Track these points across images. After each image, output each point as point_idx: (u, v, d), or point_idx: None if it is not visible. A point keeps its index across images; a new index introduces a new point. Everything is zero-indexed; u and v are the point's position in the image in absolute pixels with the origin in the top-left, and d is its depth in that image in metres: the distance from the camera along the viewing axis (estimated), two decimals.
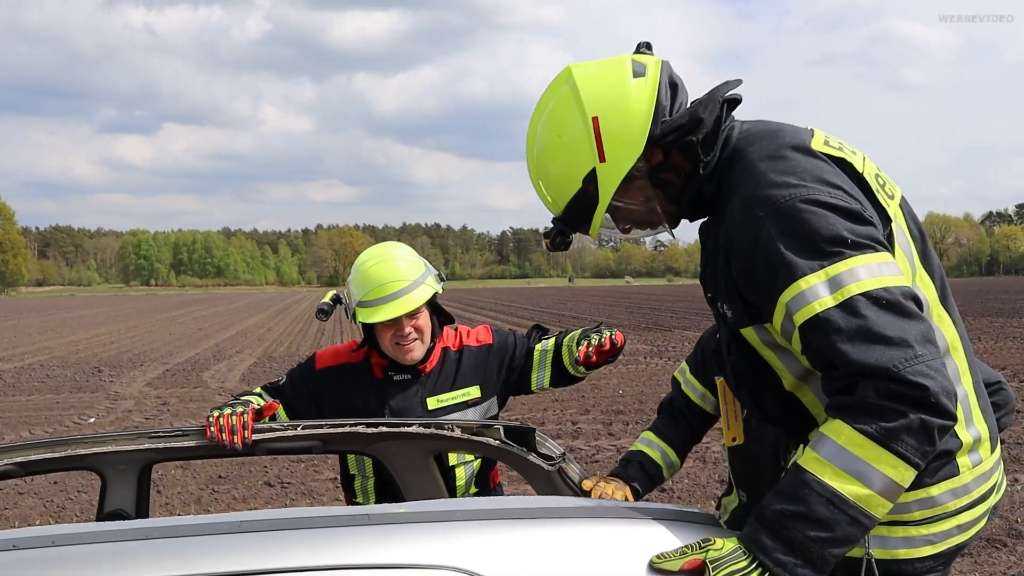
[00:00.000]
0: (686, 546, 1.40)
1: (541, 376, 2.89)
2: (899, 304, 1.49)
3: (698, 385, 2.85)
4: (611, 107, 1.64)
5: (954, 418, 1.46)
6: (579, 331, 2.82)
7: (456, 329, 2.97)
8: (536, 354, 2.90)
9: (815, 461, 1.46)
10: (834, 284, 1.50)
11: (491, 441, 2.32)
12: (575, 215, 1.74)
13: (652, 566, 1.36)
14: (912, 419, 1.43)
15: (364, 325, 2.76)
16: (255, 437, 2.36)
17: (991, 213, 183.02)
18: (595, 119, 1.64)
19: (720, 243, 1.70)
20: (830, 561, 1.42)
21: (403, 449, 2.47)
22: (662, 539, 1.38)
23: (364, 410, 2.77)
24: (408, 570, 1.25)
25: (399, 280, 2.71)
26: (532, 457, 2.33)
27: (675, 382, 2.93)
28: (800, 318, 1.52)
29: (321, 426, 2.35)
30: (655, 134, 1.65)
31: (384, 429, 2.34)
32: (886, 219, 1.69)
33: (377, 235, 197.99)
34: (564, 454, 2.39)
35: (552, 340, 2.90)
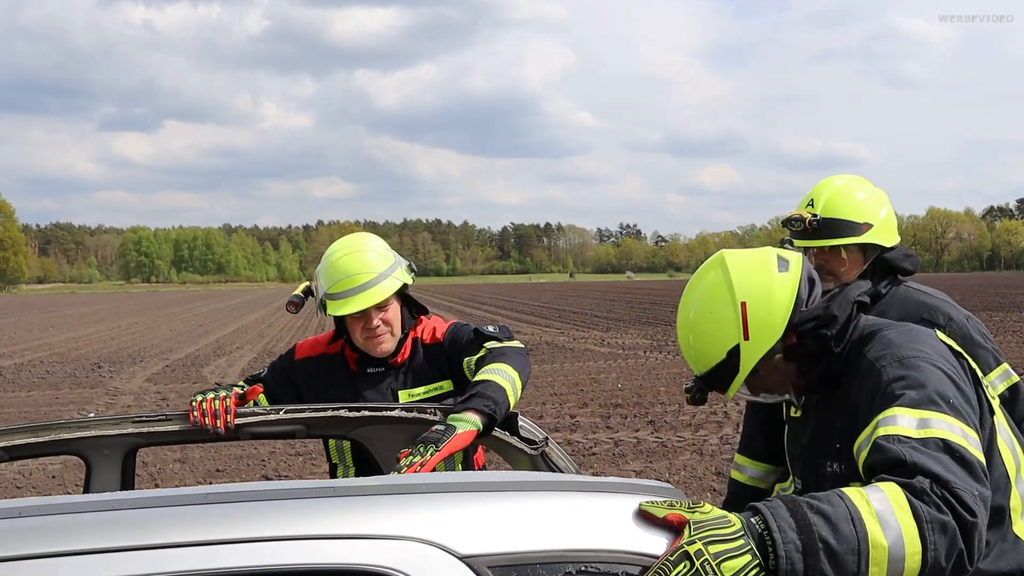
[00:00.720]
0: (675, 501, 1.42)
1: None
2: (972, 464, 1.62)
3: (750, 464, 2.97)
4: (758, 295, 1.93)
5: (969, 567, 1.54)
6: (487, 375, 2.48)
7: (430, 319, 2.94)
8: (465, 366, 2.76)
9: (857, 492, 1.53)
10: (923, 423, 1.68)
11: None
12: (716, 378, 1.98)
13: (640, 508, 1.39)
14: (950, 524, 1.50)
15: (335, 317, 2.75)
16: (238, 421, 2.37)
17: (992, 208, 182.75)
18: (743, 304, 1.92)
19: (842, 405, 1.94)
20: (817, 572, 1.42)
21: (386, 434, 2.48)
22: (628, 512, 1.38)
23: (339, 401, 2.70)
24: (374, 541, 1.26)
25: (367, 272, 2.68)
26: (515, 441, 2.35)
27: (731, 483, 3.03)
28: (881, 431, 1.69)
29: (304, 410, 2.36)
30: (793, 322, 1.93)
31: (366, 413, 2.36)
32: (991, 411, 1.95)
33: (378, 231, 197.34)
34: (547, 438, 2.40)
35: (476, 358, 2.68)
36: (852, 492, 1.53)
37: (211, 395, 2.40)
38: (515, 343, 2.70)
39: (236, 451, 9.22)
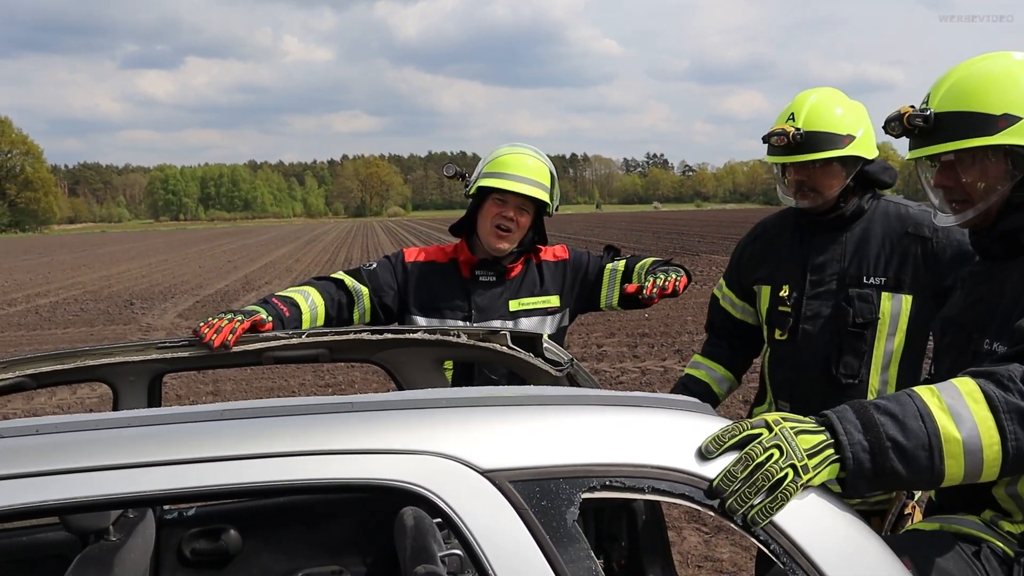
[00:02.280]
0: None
1: (611, 294, 3.02)
2: None
3: (736, 299, 2.97)
4: None
5: None
6: (650, 260, 2.96)
7: (543, 249, 3.09)
8: (607, 272, 3.01)
9: (928, 390, 1.49)
10: None
11: (498, 347, 2.31)
12: (948, 125, 1.78)
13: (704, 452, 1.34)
14: None
15: (472, 205, 2.93)
16: (261, 346, 2.34)
17: None
18: None
19: (1021, 283, 1.76)
20: (887, 470, 1.40)
21: (411, 357, 2.46)
22: (653, 426, 1.36)
23: (450, 305, 2.89)
24: (394, 456, 1.25)
25: (536, 172, 2.88)
26: (539, 363, 2.32)
27: (713, 299, 3.02)
28: None
29: (326, 334, 2.35)
30: None
31: (389, 336, 2.33)
32: None
33: (403, 164, 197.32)
34: (572, 360, 2.38)
35: (623, 262, 3.01)
36: (922, 390, 1.49)
37: (227, 316, 2.37)
38: None
39: (267, 383, 9.35)
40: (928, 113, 1.81)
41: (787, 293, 2.72)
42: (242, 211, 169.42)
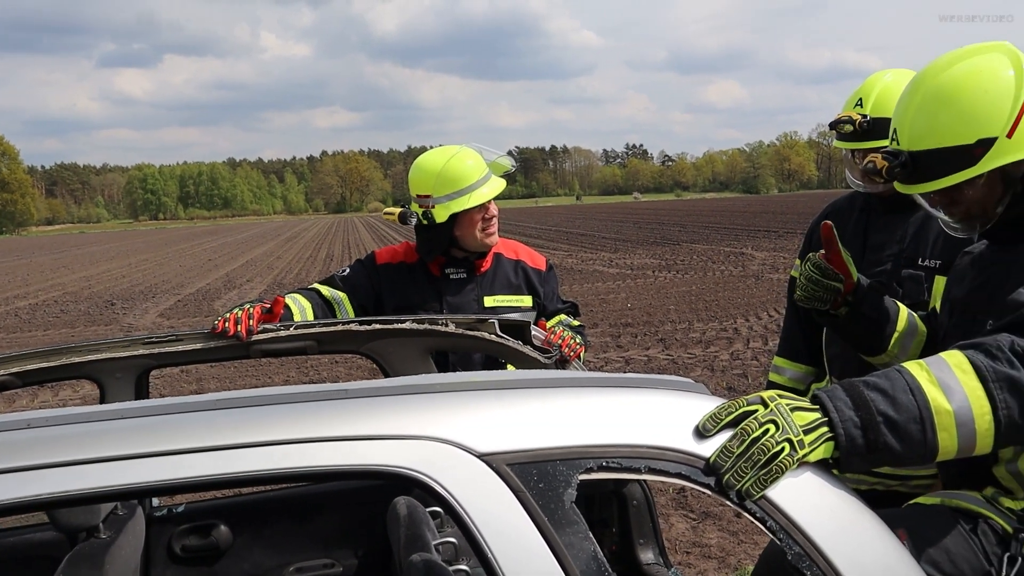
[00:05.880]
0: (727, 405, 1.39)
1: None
2: None
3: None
4: None
5: None
6: (576, 323, 3.01)
7: (508, 241, 3.12)
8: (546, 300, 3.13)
9: (917, 364, 1.49)
10: None
11: (487, 336, 2.31)
12: (934, 163, 1.74)
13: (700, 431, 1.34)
14: (1021, 380, 1.45)
15: (444, 227, 2.87)
16: (249, 339, 2.34)
17: None
18: None
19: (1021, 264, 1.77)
20: (880, 445, 1.41)
21: (399, 347, 2.46)
22: (649, 407, 1.36)
23: (422, 306, 2.90)
24: (390, 441, 1.24)
25: (480, 167, 2.90)
26: (528, 350, 2.32)
27: (791, 281, 3.08)
28: None
29: (314, 326, 2.34)
30: None
31: (377, 327, 2.33)
32: None
33: (383, 159, 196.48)
34: (559, 346, 2.38)
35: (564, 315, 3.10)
36: (911, 364, 1.50)
37: (237, 310, 2.38)
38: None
39: (252, 380, 9.32)
40: (903, 159, 1.78)
41: None
42: (222, 209, 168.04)
